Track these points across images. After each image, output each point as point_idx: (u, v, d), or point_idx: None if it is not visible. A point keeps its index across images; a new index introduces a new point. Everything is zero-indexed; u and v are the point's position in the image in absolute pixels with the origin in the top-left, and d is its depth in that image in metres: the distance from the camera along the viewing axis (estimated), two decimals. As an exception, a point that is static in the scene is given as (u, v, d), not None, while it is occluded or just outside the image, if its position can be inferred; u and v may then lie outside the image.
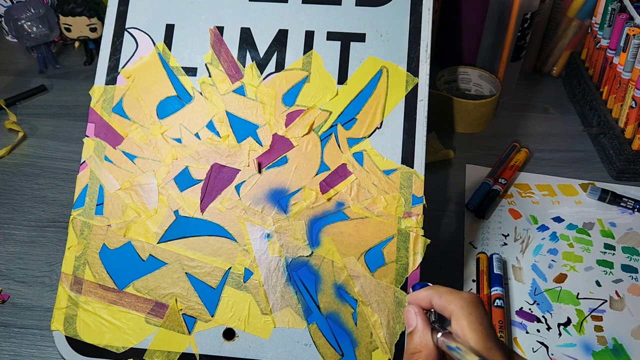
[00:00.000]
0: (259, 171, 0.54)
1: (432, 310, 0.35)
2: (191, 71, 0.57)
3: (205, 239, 0.53)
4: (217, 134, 0.56)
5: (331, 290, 0.51)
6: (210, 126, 0.56)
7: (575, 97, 0.80)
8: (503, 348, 0.31)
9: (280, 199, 0.54)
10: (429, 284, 0.38)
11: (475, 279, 0.59)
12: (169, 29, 0.59)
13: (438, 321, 0.35)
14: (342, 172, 0.54)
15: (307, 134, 0.55)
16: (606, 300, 0.57)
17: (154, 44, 0.58)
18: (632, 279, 0.59)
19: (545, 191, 0.68)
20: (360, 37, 0.57)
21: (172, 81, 0.57)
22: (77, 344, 0.52)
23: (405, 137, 0.54)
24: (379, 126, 0.55)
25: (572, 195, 0.68)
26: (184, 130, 0.56)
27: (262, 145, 0.55)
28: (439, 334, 0.33)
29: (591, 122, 0.75)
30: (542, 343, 0.54)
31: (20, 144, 0.75)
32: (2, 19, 0.89)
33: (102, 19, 0.84)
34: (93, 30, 0.85)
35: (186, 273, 0.53)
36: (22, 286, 0.59)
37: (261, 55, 0.57)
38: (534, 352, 0.53)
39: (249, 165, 0.55)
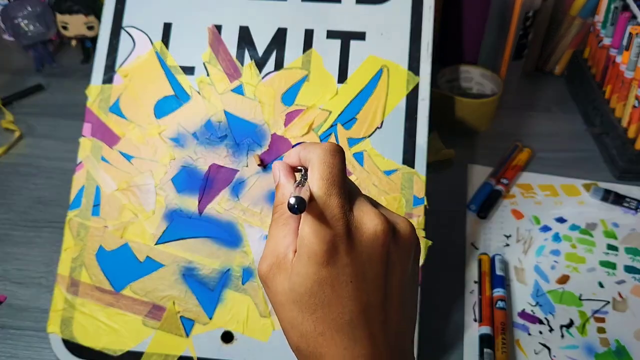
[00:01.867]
0: (264, 166, 0.53)
1: (302, 167, 0.35)
2: (189, 70, 0.57)
3: (203, 240, 0.53)
4: (215, 133, 0.55)
5: (331, 292, 0.51)
6: (209, 126, 0.55)
7: (578, 96, 0.80)
8: (344, 195, 0.31)
9: (279, 199, 0.53)
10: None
11: (477, 280, 0.58)
12: (167, 28, 0.58)
13: (305, 176, 0.35)
14: (342, 173, 0.53)
15: (306, 133, 0.54)
16: (609, 302, 0.57)
17: (152, 42, 0.58)
18: (635, 280, 0.59)
19: (547, 191, 0.68)
20: (361, 36, 0.56)
21: (169, 80, 0.57)
22: (73, 347, 0.51)
23: (406, 137, 0.54)
24: (379, 126, 0.54)
25: (574, 196, 0.67)
26: (182, 129, 0.55)
27: (261, 145, 0.54)
28: (294, 186, 0.33)
29: (594, 121, 0.75)
30: (544, 345, 0.54)
31: (16, 143, 0.74)
32: (-1, 17, 0.88)
33: (99, 17, 0.84)
34: (90, 28, 0.84)
35: (184, 275, 0.52)
36: (19, 287, 0.58)
37: (260, 54, 0.57)
38: (536, 354, 0.53)
39: (247, 166, 0.54)
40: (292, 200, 0.29)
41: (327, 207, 0.30)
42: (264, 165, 0.54)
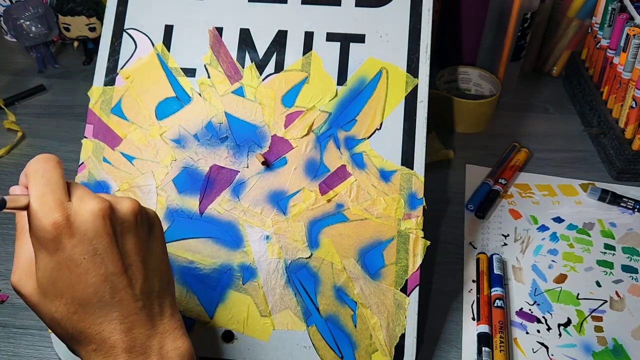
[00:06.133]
0: (268, 165, 0.54)
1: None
2: (190, 72, 0.57)
3: (204, 240, 0.53)
4: (216, 135, 0.56)
5: (331, 292, 0.51)
6: (209, 127, 0.56)
7: (576, 97, 0.80)
8: (59, 190, 0.34)
9: (279, 200, 0.53)
10: None
11: (475, 279, 0.59)
12: (168, 30, 0.58)
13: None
14: (341, 174, 0.54)
15: (306, 135, 0.55)
16: (606, 301, 0.57)
17: (153, 44, 0.58)
18: (632, 279, 0.59)
19: (545, 191, 0.68)
20: (360, 38, 0.57)
21: (170, 82, 0.57)
22: (76, 346, 0.52)
23: (405, 138, 0.54)
24: (378, 127, 0.55)
25: (572, 196, 0.68)
26: (183, 131, 0.56)
27: (261, 147, 0.55)
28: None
29: (591, 122, 0.75)
30: (542, 344, 0.54)
31: (19, 143, 0.75)
32: (1, 18, 0.88)
33: (101, 19, 0.84)
34: (92, 29, 0.85)
35: (185, 275, 0.52)
36: (21, 287, 0.58)
37: (260, 56, 0.57)
38: (534, 352, 0.53)
39: (247, 167, 0.54)
40: None
41: (43, 204, 0.33)
42: (268, 164, 0.54)
